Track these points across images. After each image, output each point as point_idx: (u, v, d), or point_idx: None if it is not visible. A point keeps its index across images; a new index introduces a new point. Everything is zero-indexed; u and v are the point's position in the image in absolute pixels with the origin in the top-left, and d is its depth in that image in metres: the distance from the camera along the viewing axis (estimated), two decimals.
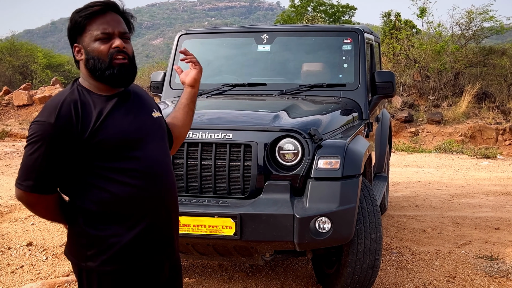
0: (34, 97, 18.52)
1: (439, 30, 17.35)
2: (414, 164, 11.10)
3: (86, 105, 1.96)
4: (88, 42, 1.98)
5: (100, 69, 1.97)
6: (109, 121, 1.96)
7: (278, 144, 3.64)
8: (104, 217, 1.98)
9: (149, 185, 2.00)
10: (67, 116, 1.90)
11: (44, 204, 2.01)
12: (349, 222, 3.49)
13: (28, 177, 1.93)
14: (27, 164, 1.92)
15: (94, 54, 1.97)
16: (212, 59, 5.35)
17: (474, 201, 7.37)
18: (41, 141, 1.89)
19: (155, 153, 2.05)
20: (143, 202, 2.00)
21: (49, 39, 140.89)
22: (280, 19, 25.82)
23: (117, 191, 1.96)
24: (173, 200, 2.13)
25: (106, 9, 1.99)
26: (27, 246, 5.16)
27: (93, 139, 1.92)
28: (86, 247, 2.00)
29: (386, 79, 4.84)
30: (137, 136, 2.01)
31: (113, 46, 1.97)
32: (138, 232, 2.00)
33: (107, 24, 1.98)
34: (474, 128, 14.22)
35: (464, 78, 16.78)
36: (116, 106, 2.01)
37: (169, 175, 2.10)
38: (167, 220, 2.09)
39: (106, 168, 1.95)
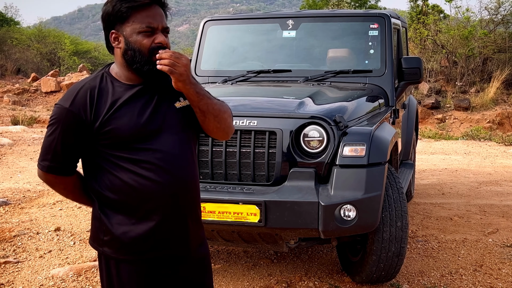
0: (61, 83, 18.75)
1: (467, 15, 17.01)
2: (441, 151, 10.97)
3: (103, 93, 1.97)
4: (130, 33, 1.96)
5: (139, 62, 1.96)
6: (122, 112, 1.95)
7: (303, 131, 3.62)
8: (116, 204, 2.00)
9: (162, 178, 1.96)
10: (81, 103, 1.93)
11: (62, 185, 2.07)
12: (374, 209, 3.46)
13: (45, 157, 2.00)
14: (45, 145, 2.00)
15: (135, 46, 1.95)
16: (237, 46, 5.34)
17: (502, 188, 7.25)
18: (56, 124, 1.95)
19: (170, 146, 1.99)
20: (153, 195, 1.97)
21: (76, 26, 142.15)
22: (305, 5, 25.60)
23: (127, 180, 1.96)
24: (190, 195, 2.06)
25: (152, 2, 1.97)
26: (55, 231, 5.24)
27: (104, 128, 1.93)
28: (102, 232, 2.03)
29: (413, 65, 4.77)
30: (151, 128, 1.97)
31: (156, 42, 1.95)
32: (147, 227, 1.98)
33: (152, 18, 1.96)
34: (503, 115, 13.98)
35: (492, 64, 16.44)
36: (135, 96, 1.99)
37: (186, 170, 2.03)
38: (180, 216, 2.03)
39: (118, 156, 1.96)
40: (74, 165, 2.04)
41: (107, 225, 2.01)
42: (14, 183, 7.35)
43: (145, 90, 2.02)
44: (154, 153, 1.96)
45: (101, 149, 1.97)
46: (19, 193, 6.78)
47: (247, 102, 4.01)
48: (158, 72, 1.96)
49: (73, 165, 2.04)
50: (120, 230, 1.99)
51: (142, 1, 1.95)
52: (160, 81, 2.05)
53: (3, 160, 9.24)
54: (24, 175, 8.00)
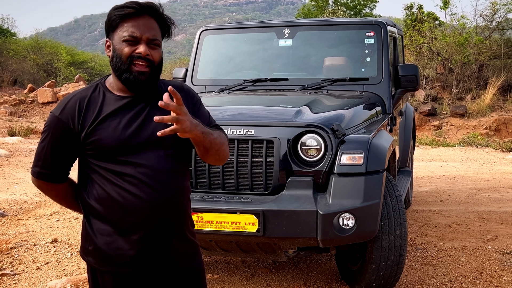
0: (58, 94, 18.74)
1: (462, 22, 17.09)
2: (438, 158, 10.96)
3: (92, 103, 1.98)
4: (116, 41, 1.98)
5: (119, 69, 1.97)
6: (108, 123, 1.95)
7: (300, 139, 3.61)
8: (100, 215, 1.99)
9: (144, 193, 1.94)
10: (70, 112, 1.97)
11: (53, 191, 2.11)
12: (373, 218, 3.45)
13: (36, 164, 2.05)
14: (37, 151, 2.04)
15: (118, 53, 1.97)
16: (233, 55, 5.33)
17: (500, 195, 7.24)
18: (47, 131, 2.00)
19: (155, 161, 1.97)
20: (135, 209, 1.95)
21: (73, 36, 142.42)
22: (301, 13, 25.70)
23: (111, 192, 1.96)
24: (173, 211, 2.02)
25: (141, 11, 1.97)
26: (52, 242, 5.21)
27: (89, 139, 1.95)
28: (88, 241, 2.04)
29: (409, 72, 4.78)
30: (136, 142, 1.96)
31: (136, 52, 1.95)
32: (129, 241, 1.97)
33: (136, 28, 1.96)
34: (499, 121, 14.00)
35: (488, 71, 16.50)
36: (124, 108, 1.98)
37: (169, 186, 2.00)
38: (162, 232, 2.00)
39: (103, 168, 1.97)
40: (65, 172, 2.06)
41: (91, 234, 2.02)
42: (11, 194, 7.32)
43: (135, 103, 2.01)
44: (137, 167, 1.95)
45: (87, 158, 1.99)
46: (15, 204, 6.75)
47: (244, 111, 4.00)
48: (135, 83, 1.96)
49: (63, 173, 2.06)
50: (102, 240, 1.99)
51: (128, 10, 1.96)
52: (151, 94, 2.03)
53: (0, 171, 9.21)
54: (21, 186, 7.96)
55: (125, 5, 1.97)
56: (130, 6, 1.96)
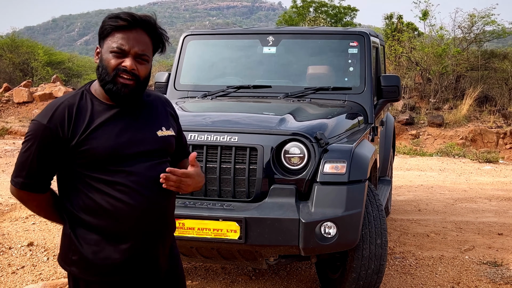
0: (34, 94, 18.47)
1: (441, 33, 17.32)
2: (416, 167, 11.07)
3: (82, 111, 1.94)
4: (105, 50, 1.96)
5: (104, 80, 1.95)
6: (100, 132, 1.93)
7: (284, 147, 3.61)
8: (87, 225, 1.97)
9: (135, 201, 1.94)
10: (59, 120, 1.91)
11: (34, 202, 2.03)
12: (355, 227, 3.47)
13: (19, 174, 1.97)
14: (20, 161, 1.97)
15: (104, 64, 1.95)
16: (217, 61, 5.32)
17: (477, 205, 7.34)
18: (32, 140, 1.92)
19: (147, 170, 1.97)
20: (125, 217, 1.94)
21: (50, 36, 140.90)
22: (282, 20, 25.80)
23: (100, 201, 1.94)
24: (163, 220, 2.04)
25: (134, 25, 1.95)
26: (28, 246, 5.12)
27: (80, 148, 1.91)
28: (71, 251, 2.00)
29: (391, 83, 4.82)
30: (128, 152, 1.95)
31: (122, 65, 1.93)
32: (118, 249, 1.96)
33: (126, 41, 1.93)
34: (475, 131, 14.20)
35: (465, 82, 16.75)
36: (115, 117, 1.97)
37: (160, 194, 2.00)
38: (152, 241, 2.01)
39: (92, 177, 1.94)
40: (49, 182, 2.01)
41: (76, 244, 1.98)
42: None
43: (126, 112, 2.00)
44: (129, 175, 1.94)
45: (76, 168, 1.95)
46: None
47: (228, 118, 3.99)
48: (118, 96, 1.94)
49: (47, 182, 2.00)
50: (89, 250, 1.97)
51: (121, 22, 1.93)
52: (142, 104, 2.04)
53: None
54: None
55: (119, 16, 1.94)
56: (123, 18, 1.94)
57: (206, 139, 3.63)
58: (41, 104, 17.99)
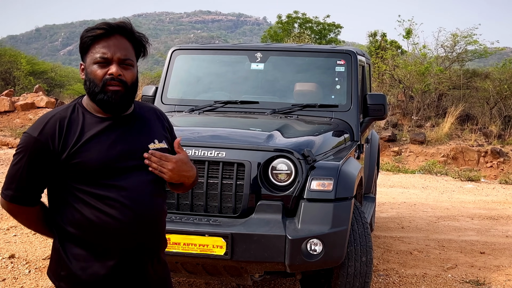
0: (16, 103, 18.30)
1: (424, 51, 17.55)
2: (399, 184, 11.15)
3: (73, 125, 1.94)
4: (88, 63, 1.96)
5: (93, 92, 1.94)
6: (91, 145, 1.92)
7: (271, 163, 3.62)
8: (76, 239, 1.95)
9: (124, 216, 1.93)
10: (50, 133, 1.90)
11: (24, 215, 2.01)
12: (340, 244, 3.48)
13: (9, 187, 1.95)
14: (10, 174, 1.95)
15: (90, 77, 1.95)
16: (204, 76, 5.33)
17: (459, 224, 7.40)
18: (23, 153, 1.91)
19: (138, 185, 1.96)
20: (114, 233, 1.93)
21: (33, 45, 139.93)
22: (267, 35, 25.93)
23: (89, 216, 1.92)
24: (153, 236, 2.02)
25: (111, 32, 1.95)
26: (9, 258, 5.05)
27: (71, 161, 1.90)
28: (60, 266, 1.98)
29: (378, 101, 4.87)
30: (119, 165, 1.94)
31: (108, 73, 1.93)
32: (106, 265, 1.94)
33: (107, 49, 1.94)
34: (456, 149, 14.35)
35: (447, 100, 16.97)
36: (106, 130, 1.96)
37: (151, 210, 2.00)
38: (141, 257, 2.00)
39: (82, 190, 1.93)
40: (39, 195, 1.99)
41: (65, 259, 1.96)
42: None
43: (117, 125, 1.99)
44: (119, 190, 1.93)
45: (66, 181, 1.94)
46: None
47: (216, 133, 4.00)
48: (111, 104, 1.94)
49: (37, 195, 1.99)
50: (77, 266, 1.95)
51: (97, 31, 1.94)
52: (134, 117, 2.04)
53: None
54: None
55: (96, 27, 1.96)
56: (100, 27, 1.95)
57: (193, 154, 3.63)
58: (22, 114, 17.82)
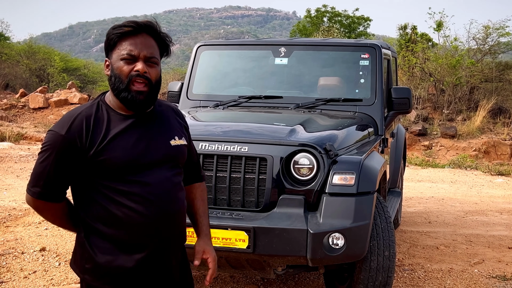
0: (50, 100, 18.69)
1: (455, 44, 17.29)
2: (427, 179, 11.04)
3: (99, 122, 1.98)
4: (115, 60, 2.00)
5: (118, 88, 1.99)
6: (117, 142, 1.96)
7: (293, 158, 3.64)
8: (102, 234, 2.00)
9: (149, 211, 1.98)
10: (77, 131, 1.94)
11: (50, 211, 2.06)
12: (362, 238, 3.48)
13: (36, 184, 1.99)
14: (37, 171, 1.98)
15: (116, 73, 1.99)
16: (229, 71, 5.37)
17: (488, 218, 7.31)
18: (50, 150, 1.95)
19: (161, 181, 2.02)
20: (140, 228, 1.98)
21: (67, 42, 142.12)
22: (296, 29, 25.87)
23: (115, 211, 1.97)
24: (177, 230, 2.09)
25: (138, 30, 2.00)
26: (40, 251, 5.19)
27: (98, 158, 1.94)
28: (85, 259, 2.03)
29: (402, 95, 4.84)
30: (144, 161, 1.99)
31: (134, 70, 1.97)
32: (132, 259, 1.99)
33: (134, 46, 1.98)
34: (488, 143, 14.12)
35: (479, 93, 16.69)
36: (130, 128, 2.01)
37: (174, 205, 2.06)
38: (165, 251, 2.06)
39: (108, 187, 1.97)
40: (65, 191, 2.05)
41: (90, 253, 2.01)
42: (0, 201, 7.28)
43: (140, 122, 2.04)
44: (144, 186, 1.98)
45: (92, 177, 1.98)
46: (4, 211, 6.71)
47: (239, 128, 4.03)
48: (134, 103, 1.98)
49: (63, 192, 2.04)
50: (103, 259, 1.99)
51: (125, 28, 1.98)
52: (155, 114, 2.09)
53: None
54: (10, 192, 7.93)
55: (123, 24, 2.00)
56: (127, 25, 1.99)
57: (216, 149, 3.68)
58: (56, 110, 18.19)
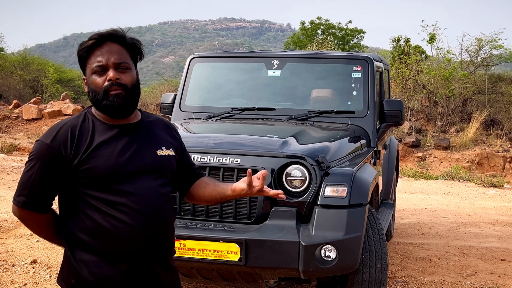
0: (43, 111, 18.66)
1: (448, 56, 17.42)
2: (420, 190, 11.06)
3: (84, 132, 1.99)
4: (88, 75, 2.01)
5: (97, 100, 1.99)
6: (101, 151, 1.96)
7: (285, 170, 3.65)
8: (87, 246, 1.98)
9: (135, 221, 1.97)
10: (62, 140, 1.95)
11: (36, 221, 2.05)
12: (355, 250, 3.48)
13: (21, 193, 1.99)
14: (23, 180, 1.99)
15: (92, 87, 2.00)
16: (222, 83, 5.39)
17: (480, 230, 7.32)
18: (36, 160, 1.95)
19: (146, 190, 2.01)
20: (126, 238, 1.97)
21: (61, 54, 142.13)
22: (290, 41, 25.99)
23: (101, 221, 1.96)
24: (163, 240, 2.07)
25: (102, 40, 2.00)
26: (31, 263, 5.16)
27: (82, 167, 1.94)
28: (71, 273, 2.01)
29: (394, 107, 4.85)
30: (129, 170, 1.98)
31: (107, 79, 1.98)
32: (118, 270, 1.98)
33: (101, 56, 1.99)
34: (482, 155, 14.19)
35: (472, 105, 16.80)
36: (115, 137, 2.01)
37: (160, 214, 2.04)
38: (152, 261, 2.04)
39: (93, 197, 1.97)
40: (50, 202, 2.04)
41: (76, 267, 1.99)
42: None
43: (126, 132, 2.04)
44: (129, 195, 1.97)
45: (77, 187, 1.98)
46: None
47: (231, 140, 4.03)
48: (115, 107, 1.98)
49: (49, 202, 2.03)
50: (88, 271, 1.98)
51: (89, 42, 2.00)
52: (141, 125, 2.08)
53: None
54: (2, 204, 7.88)
55: (88, 39, 2.02)
56: (91, 38, 2.01)
57: (209, 160, 3.68)
58: (50, 121, 18.15)
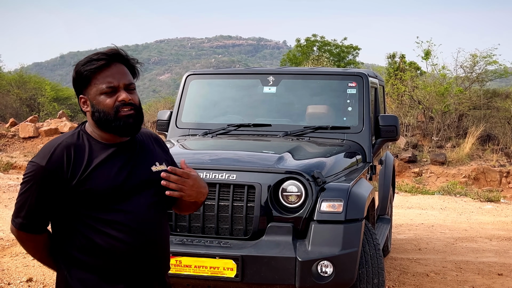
0: (40, 129, 18.63)
1: (443, 72, 17.53)
2: (417, 205, 11.06)
3: (80, 152, 1.97)
4: (94, 95, 1.98)
5: (106, 121, 1.97)
6: (100, 171, 1.95)
7: (281, 185, 3.66)
8: (84, 265, 1.98)
9: (132, 240, 1.97)
10: (58, 161, 1.93)
11: (32, 243, 2.05)
12: (351, 266, 3.48)
13: (18, 215, 1.99)
14: (19, 202, 1.98)
15: (100, 107, 1.97)
16: (218, 100, 5.42)
17: (477, 245, 7.31)
18: (31, 182, 1.94)
19: (144, 208, 2.01)
20: (123, 256, 1.97)
21: (58, 72, 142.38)
22: (286, 59, 26.13)
23: (98, 241, 1.96)
24: (160, 258, 2.08)
25: (110, 61, 1.98)
26: (27, 282, 5.13)
27: (81, 187, 1.93)
28: None
29: (390, 123, 4.88)
30: (126, 189, 1.98)
31: (119, 100, 1.97)
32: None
33: (112, 78, 1.97)
34: (478, 170, 14.21)
35: (468, 120, 16.87)
36: (112, 156, 2.00)
37: (157, 232, 2.05)
38: (148, 279, 2.04)
39: (91, 217, 1.96)
40: (47, 223, 2.03)
41: (73, 286, 1.98)
42: None
43: (122, 151, 2.04)
44: (126, 214, 1.97)
45: (74, 208, 1.96)
46: None
47: (227, 156, 4.05)
48: (127, 127, 1.98)
49: (45, 223, 2.02)
50: None
51: (99, 62, 1.96)
52: (135, 142, 2.09)
53: None
54: None
55: (93, 59, 1.98)
56: (99, 58, 1.97)
57: (205, 177, 3.69)
58: (46, 140, 18.12)
